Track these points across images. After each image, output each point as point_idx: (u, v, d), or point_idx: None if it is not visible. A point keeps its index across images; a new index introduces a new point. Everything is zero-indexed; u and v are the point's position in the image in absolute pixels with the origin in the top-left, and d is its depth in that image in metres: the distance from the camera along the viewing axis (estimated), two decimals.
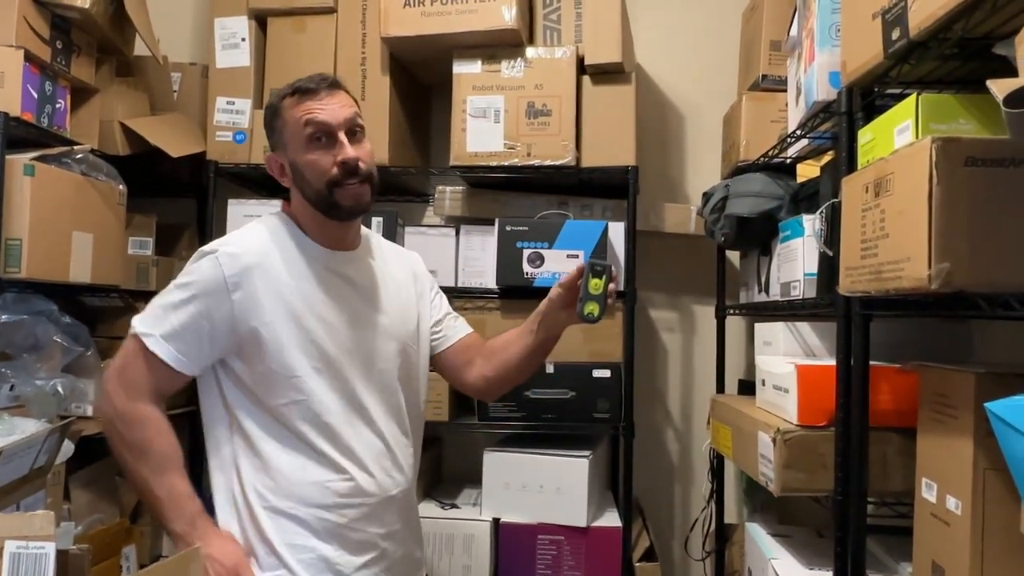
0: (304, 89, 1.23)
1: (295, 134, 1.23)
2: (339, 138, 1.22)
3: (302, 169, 1.23)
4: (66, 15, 1.80)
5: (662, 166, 2.47)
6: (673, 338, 2.46)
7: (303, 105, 1.22)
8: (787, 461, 1.34)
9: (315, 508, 1.23)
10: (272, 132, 1.28)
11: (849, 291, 1.19)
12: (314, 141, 1.22)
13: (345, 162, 1.21)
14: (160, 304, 1.22)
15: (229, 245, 1.23)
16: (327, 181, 1.22)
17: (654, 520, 2.37)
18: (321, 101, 1.22)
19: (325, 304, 1.26)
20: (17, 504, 1.38)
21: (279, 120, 1.26)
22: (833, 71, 1.38)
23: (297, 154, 1.23)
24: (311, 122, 1.21)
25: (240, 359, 1.24)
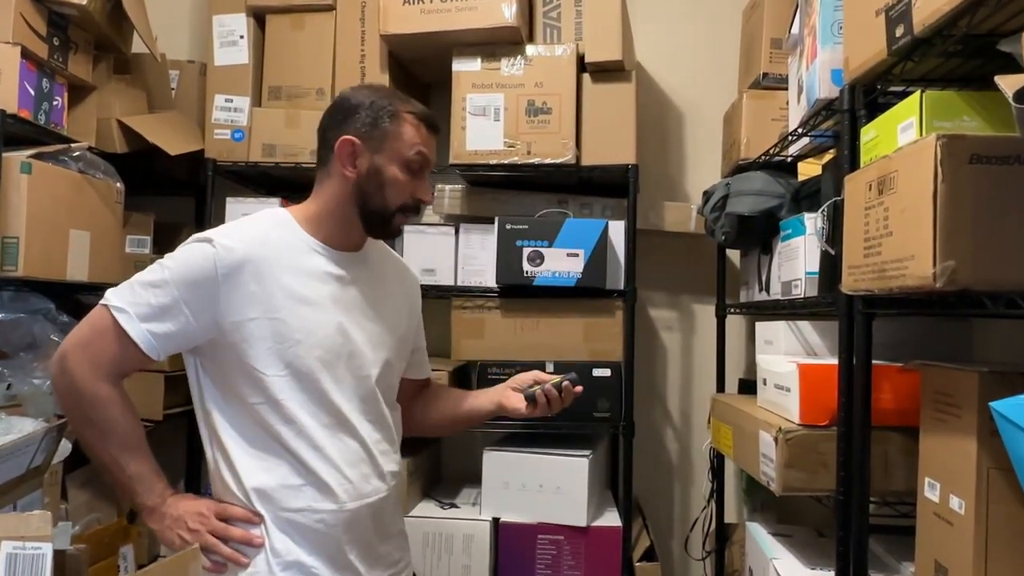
0: (429, 123, 1.29)
1: (402, 149, 1.24)
2: (425, 176, 1.30)
3: (384, 179, 1.24)
4: (63, 12, 1.79)
5: (662, 164, 2.47)
6: (673, 337, 2.45)
7: (422, 132, 1.27)
8: (789, 460, 1.34)
9: (290, 512, 1.20)
10: (372, 125, 1.24)
11: (852, 290, 1.18)
12: (411, 166, 1.26)
13: (423, 201, 1.30)
14: (140, 281, 1.17)
15: (226, 237, 1.20)
16: (399, 205, 1.26)
17: (654, 520, 2.36)
18: (431, 138, 1.30)
19: (315, 305, 1.23)
20: (14, 504, 1.37)
21: (393, 125, 1.24)
22: (835, 68, 1.37)
23: (390, 165, 1.24)
24: (421, 152, 1.26)
25: (218, 354, 1.20)
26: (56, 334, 1.76)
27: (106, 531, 2.02)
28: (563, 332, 2.02)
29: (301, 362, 1.20)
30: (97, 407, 1.19)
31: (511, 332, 2.03)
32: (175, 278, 1.16)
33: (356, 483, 1.25)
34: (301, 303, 1.21)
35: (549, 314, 2.02)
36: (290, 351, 1.20)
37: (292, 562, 1.20)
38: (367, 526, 1.27)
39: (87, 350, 1.17)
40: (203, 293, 1.16)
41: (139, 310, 1.15)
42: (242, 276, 1.17)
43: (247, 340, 1.18)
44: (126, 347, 1.16)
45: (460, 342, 2.04)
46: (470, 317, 2.04)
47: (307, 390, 1.21)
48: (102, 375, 1.18)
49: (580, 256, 1.96)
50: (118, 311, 1.15)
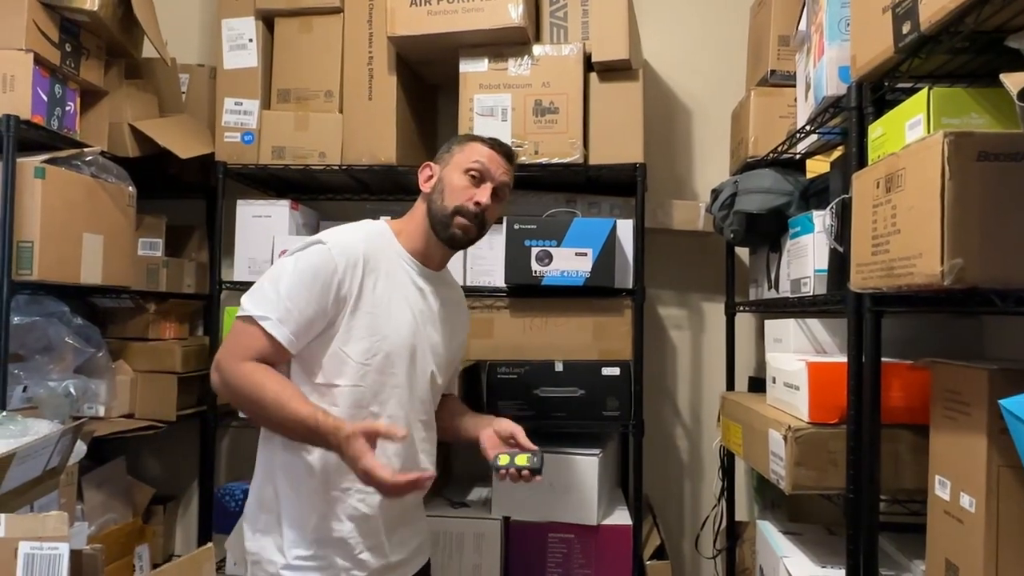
0: (493, 144, 1.45)
1: (462, 160, 1.41)
2: (486, 186, 1.41)
3: (445, 185, 1.40)
4: (75, 18, 1.81)
5: (670, 163, 2.47)
6: (682, 335, 2.45)
7: (484, 149, 1.43)
8: (798, 459, 1.34)
9: (338, 491, 1.30)
10: (447, 151, 1.46)
11: (860, 287, 1.18)
12: (469, 173, 1.40)
13: (478, 203, 1.39)
14: (273, 288, 1.28)
15: (337, 237, 1.33)
16: (456, 206, 1.38)
17: (664, 518, 2.36)
18: (498, 157, 1.43)
19: (402, 309, 1.37)
20: (31, 504, 1.39)
21: (459, 146, 1.44)
22: (843, 66, 1.37)
23: (450, 173, 1.41)
24: (479, 161, 1.41)
25: (314, 339, 1.31)
26: (71, 336, 1.79)
27: (121, 531, 2.04)
28: (572, 331, 2.02)
29: (383, 356, 1.33)
30: (246, 380, 1.24)
31: (520, 332, 2.03)
32: (303, 277, 1.27)
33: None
34: (392, 304, 1.36)
35: (558, 313, 2.03)
36: (376, 344, 1.32)
37: (335, 539, 1.30)
38: (397, 513, 1.37)
39: (233, 351, 1.27)
40: (327, 286, 1.28)
41: (279, 314, 1.26)
42: (355, 271, 1.30)
43: (347, 328, 1.30)
44: (268, 347, 1.26)
45: (469, 342, 2.02)
46: (479, 317, 2.05)
47: (381, 382, 1.33)
48: (245, 359, 1.26)
49: (588, 255, 1.97)
50: (262, 319, 1.25)
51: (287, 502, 1.31)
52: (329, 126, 2.12)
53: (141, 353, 2.22)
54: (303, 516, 1.30)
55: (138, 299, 2.24)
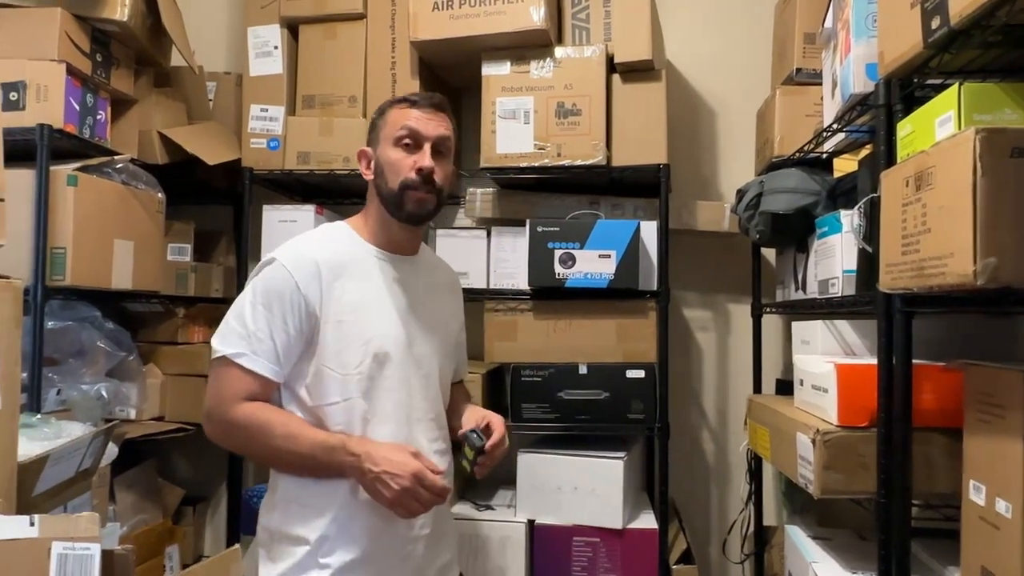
0: (412, 100, 1.35)
1: (389, 133, 1.33)
2: (424, 148, 1.31)
3: (383, 165, 1.32)
4: (106, 28, 1.85)
5: (694, 163, 2.45)
6: (708, 337, 2.43)
7: (405, 111, 1.33)
8: (827, 462, 1.31)
9: (349, 508, 1.25)
10: (373, 129, 1.38)
11: (890, 288, 1.16)
12: (401, 143, 1.31)
13: (421, 168, 1.29)
14: (239, 323, 1.23)
15: (288, 250, 1.29)
16: (401, 182, 1.30)
17: (691, 522, 2.34)
18: (423, 113, 1.33)
19: (380, 309, 1.31)
20: (65, 505, 1.42)
21: (382, 119, 1.36)
22: (870, 63, 1.35)
23: (384, 150, 1.33)
24: (405, 126, 1.31)
25: (299, 359, 1.27)
26: (102, 340, 1.82)
27: (152, 531, 2.08)
28: (596, 333, 2.01)
29: (371, 361, 1.26)
30: (248, 423, 1.21)
31: (544, 334, 2.03)
32: (266, 301, 1.23)
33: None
34: (369, 305, 1.29)
35: (582, 316, 2.02)
36: (361, 351, 1.26)
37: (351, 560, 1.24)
38: (421, 523, 1.30)
39: (221, 398, 1.22)
40: (292, 303, 1.23)
41: (252, 347, 1.21)
42: (316, 281, 1.25)
43: (325, 342, 1.25)
44: (252, 382, 1.22)
45: (493, 344, 2.05)
46: (502, 319, 2.05)
47: (373, 388, 1.26)
48: (237, 402, 1.22)
49: (612, 257, 1.96)
50: (236, 356, 1.21)
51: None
52: (353, 131, 2.14)
53: (171, 357, 2.25)
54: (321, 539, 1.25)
55: (167, 303, 2.28)
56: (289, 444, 1.20)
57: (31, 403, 1.64)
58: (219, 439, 1.27)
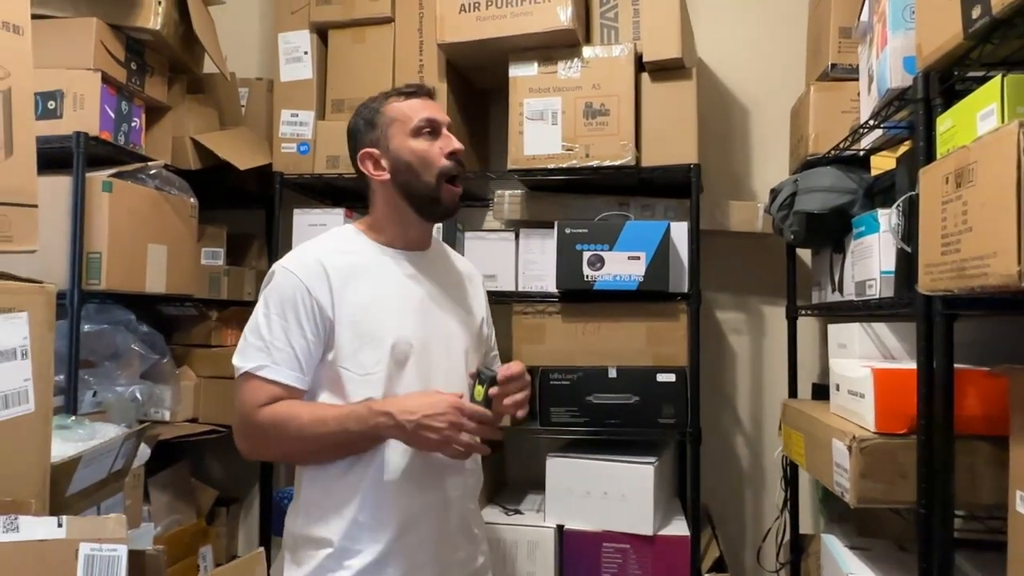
0: (408, 92, 1.32)
1: (402, 126, 1.28)
2: (444, 132, 1.29)
3: (408, 159, 1.27)
4: (140, 37, 1.89)
5: (727, 163, 2.40)
6: (742, 340, 2.38)
7: (410, 103, 1.30)
8: (864, 470, 1.27)
9: (371, 509, 1.24)
10: (371, 129, 1.31)
11: (929, 290, 1.11)
12: (421, 132, 1.28)
13: (454, 152, 1.28)
14: (256, 337, 1.22)
15: (293, 257, 1.28)
16: (439, 172, 1.27)
17: (725, 529, 2.29)
18: (424, 101, 1.32)
19: (396, 301, 1.28)
20: (98, 506, 1.44)
21: (381, 116, 1.30)
22: (908, 56, 1.30)
23: (402, 144, 1.27)
24: (422, 115, 1.27)
25: (319, 364, 1.26)
26: (136, 343, 1.86)
27: (186, 532, 2.10)
28: (625, 337, 1.98)
29: (389, 360, 1.24)
30: (275, 420, 1.19)
31: (572, 337, 2.01)
32: (279, 310, 1.21)
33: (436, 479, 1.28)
34: (384, 304, 1.27)
35: (611, 318, 1.99)
36: (377, 351, 1.24)
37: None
38: (448, 521, 1.30)
39: (246, 410, 1.21)
40: (307, 309, 1.22)
41: (273, 358, 1.20)
42: (325, 284, 1.23)
43: (339, 344, 1.23)
44: (280, 391, 1.20)
45: (521, 347, 2.03)
46: (530, 322, 2.03)
47: (393, 388, 1.25)
48: (261, 409, 1.20)
49: (641, 259, 1.93)
50: (259, 369, 1.20)
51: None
52: None
53: (204, 359, 2.29)
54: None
55: (201, 307, 2.31)
56: (319, 428, 1.19)
57: (68, 405, 1.68)
58: (254, 450, 1.26)
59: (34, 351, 1.17)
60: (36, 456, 1.19)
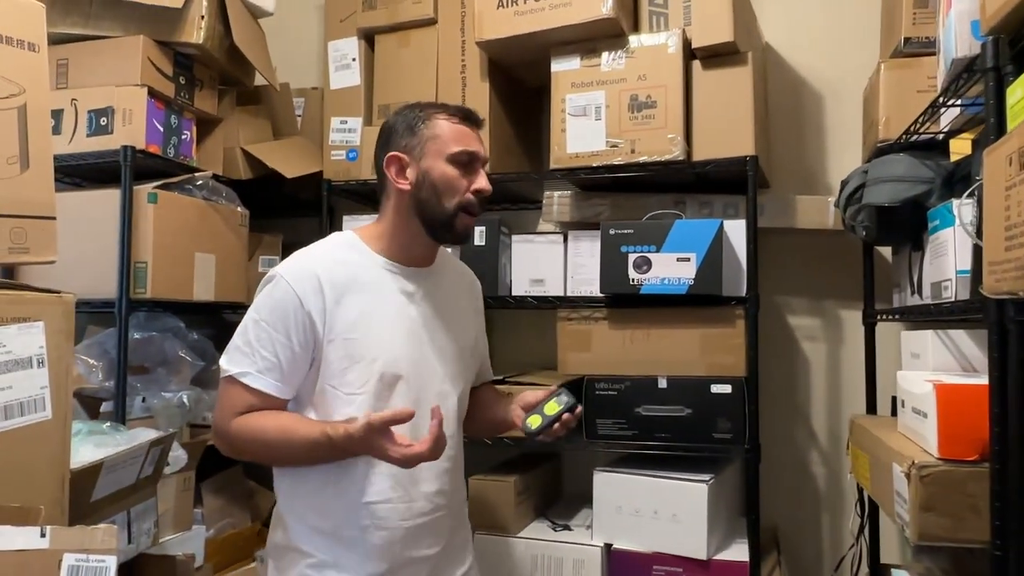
0: (464, 114, 1.29)
1: (442, 148, 1.25)
2: (478, 168, 1.27)
3: (436, 180, 1.24)
4: (187, 52, 1.94)
5: (799, 155, 2.20)
6: (816, 348, 2.17)
7: (459, 128, 1.27)
8: (926, 502, 1.09)
9: (354, 529, 1.22)
10: (409, 134, 1.27)
11: (993, 292, 0.94)
12: (457, 161, 1.25)
13: (480, 191, 1.26)
14: (243, 341, 1.22)
15: (291, 265, 1.25)
16: (458, 203, 1.25)
17: (798, 555, 2.10)
18: (474, 132, 1.29)
19: (390, 324, 1.25)
20: (128, 511, 1.47)
21: (427, 127, 1.26)
22: (975, 20, 1.11)
23: (435, 165, 1.24)
24: (464, 146, 1.25)
25: (306, 375, 1.24)
26: (184, 350, 1.90)
27: (240, 535, 2.14)
28: (677, 344, 1.84)
29: (377, 380, 1.22)
30: (245, 430, 1.20)
31: (620, 345, 1.89)
32: (270, 319, 1.20)
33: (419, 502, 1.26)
34: (377, 321, 1.24)
35: (661, 325, 1.86)
36: (366, 370, 1.21)
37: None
38: (429, 542, 1.27)
39: (223, 415, 1.22)
40: (296, 320, 1.19)
41: (257, 365, 1.19)
42: (319, 296, 1.20)
43: (328, 360, 1.21)
44: (259, 399, 1.20)
45: (566, 355, 1.93)
46: (576, 329, 1.93)
47: (379, 409, 1.20)
48: (237, 416, 1.21)
49: (692, 261, 1.78)
50: (242, 375, 1.20)
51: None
52: None
53: None
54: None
55: None
56: (284, 446, 1.19)
57: (117, 410, 1.74)
58: (231, 452, 1.26)
59: (51, 359, 1.19)
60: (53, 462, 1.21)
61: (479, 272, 1.98)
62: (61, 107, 1.85)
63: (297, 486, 1.25)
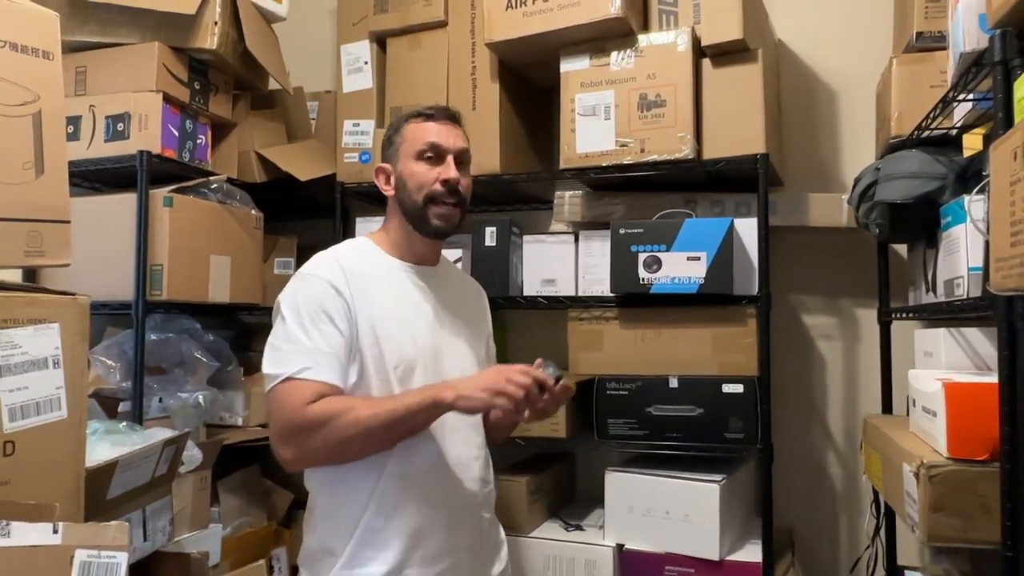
0: (428, 114, 1.36)
1: (409, 147, 1.34)
2: (447, 160, 1.32)
3: (405, 179, 1.33)
4: (201, 57, 1.97)
5: (813, 152, 2.18)
6: (832, 347, 2.15)
7: (424, 126, 1.35)
8: (935, 503, 1.08)
9: (382, 515, 1.24)
10: (389, 145, 1.39)
11: (999, 288, 0.93)
12: (423, 157, 1.32)
13: (447, 180, 1.30)
14: (288, 342, 1.20)
15: (313, 263, 1.30)
16: (426, 195, 1.31)
17: (813, 556, 2.08)
18: (441, 126, 1.35)
19: (407, 314, 1.31)
20: (143, 508, 1.50)
21: (399, 135, 1.37)
22: (983, 13, 1.10)
23: (405, 165, 1.33)
24: (427, 141, 1.32)
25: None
26: (200, 352, 1.93)
27: (256, 534, 2.16)
28: (688, 343, 1.83)
29: (405, 367, 1.26)
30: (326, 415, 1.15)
31: (631, 344, 1.88)
32: (311, 313, 1.21)
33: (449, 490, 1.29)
34: (400, 311, 1.30)
35: (672, 324, 1.85)
36: (394, 355, 1.26)
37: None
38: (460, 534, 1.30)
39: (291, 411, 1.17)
40: (336, 305, 1.22)
41: (316, 359, 1.18)
42: (347, 288, 1.24)
43: (359, 346, 1.24)
44: (325, 388, 1.18)
45: (577, 356, 1.93)
46: (587, 329, 1.93)
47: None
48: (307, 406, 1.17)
49: (702, 259, 1.78)
50: (301, 372, 1.17)
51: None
52: None
53: None
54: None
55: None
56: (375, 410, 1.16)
57: (134, 410, 1.77)
58: (302, 452, 1.19)
59: (66, 360, 1.22)
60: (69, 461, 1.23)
61: (490, 272, 2.00)
62: (80, 113, 1.89)
63: (328, 480, 1.26)
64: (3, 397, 1.11)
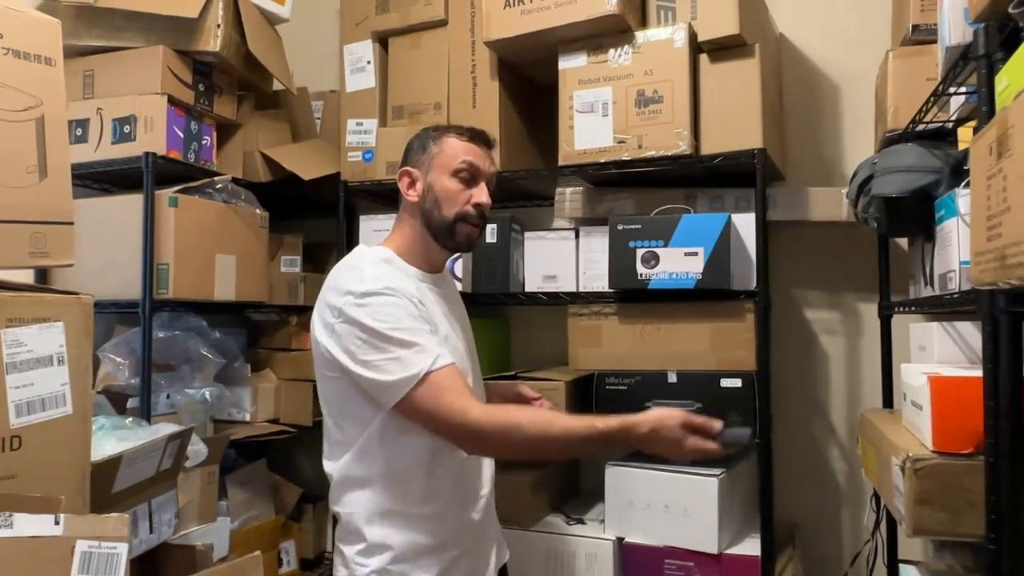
0: (474, 134, 1.38)
1: (447, 162, 1.34)
2: (481, 184, 1.36)
3: (438, 192, 1.34)
4: (205, 60, 2.00)
5: (815, 147, 2.18)
6: (834, 341, 2.14)
7: (466, 145, 1.36)
8: (920, 496, 1.09)
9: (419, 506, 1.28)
10: (422, 151, 1.38)
11: (977, 282, 0.93)
12: (460, 176, 1.34)
13: (479, 204, 1.34)
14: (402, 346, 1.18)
15: (370, 278, 1.24)
16: (457, 213, 1.33)
17: (815, 551, 2.08)
18: (480, 149, 1.38)
19: (447, 321, 1.36)
20: (149, 502, 1.54)
21: (435, 144, 1.37)
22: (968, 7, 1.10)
23: (439, 178, 1.34)
24: (467, 161, 1.34)
25: None
26: (206, 349, 1.97)
27: (263, 527, 2.21)
28: (687, 339, 1.84)
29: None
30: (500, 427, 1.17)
31: (630, 340, 1.89)
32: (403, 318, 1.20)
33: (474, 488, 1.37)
34: (441, 320, 1.33)
35: (671, 319, 1.86)
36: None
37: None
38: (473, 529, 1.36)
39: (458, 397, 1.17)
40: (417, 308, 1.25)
41: (438, 349, 1.20)
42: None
43: None
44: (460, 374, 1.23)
45: (577, 351, 1.95)
46: (586, 324, 1.94)
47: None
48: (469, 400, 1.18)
49: (699, 255, 1.78)
50: (436, 361, 1.17)
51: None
52: None
53: (285, 362, 2.39)
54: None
55: (282, 313, 2.42)
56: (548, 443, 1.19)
57: (142, 406, 1.81)
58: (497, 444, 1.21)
59: (71, 357, 1.25)
60: (75, 455, 1.27)
61: (492, 269, 2.03)
62: (87, 116, 1.93)
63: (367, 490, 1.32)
64: (10, 393, 1.14)
